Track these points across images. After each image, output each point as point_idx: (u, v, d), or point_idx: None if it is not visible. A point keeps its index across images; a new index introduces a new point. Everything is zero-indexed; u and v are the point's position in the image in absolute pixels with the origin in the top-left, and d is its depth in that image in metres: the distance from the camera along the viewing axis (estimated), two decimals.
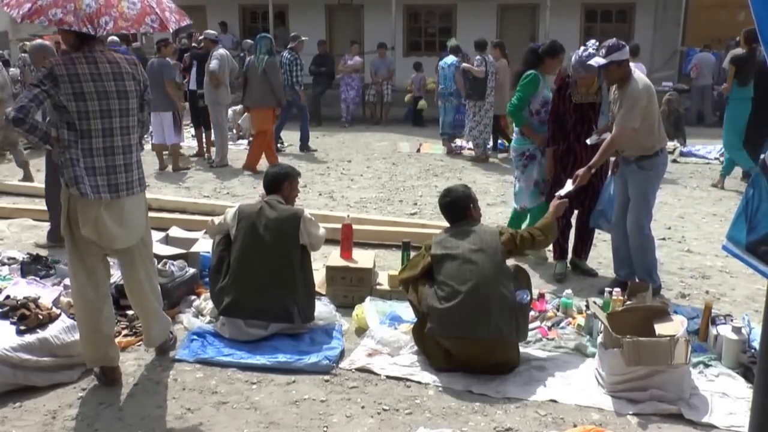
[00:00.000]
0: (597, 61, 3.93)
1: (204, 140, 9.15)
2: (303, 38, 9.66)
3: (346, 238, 4.27)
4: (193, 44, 10.84)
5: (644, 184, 4.09)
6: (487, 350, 3.19)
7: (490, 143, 9.28)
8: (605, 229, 4.56)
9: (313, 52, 12.56)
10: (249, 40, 11.17)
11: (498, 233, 3.43)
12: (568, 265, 4.73)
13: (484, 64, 8.56)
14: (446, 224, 3.61)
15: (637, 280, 4.13)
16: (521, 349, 3.45)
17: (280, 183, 3.86)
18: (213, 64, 8.10)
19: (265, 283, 3.55)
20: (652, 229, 4.24)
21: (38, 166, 8.55)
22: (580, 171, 4.09)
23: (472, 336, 3.16)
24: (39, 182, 7.47)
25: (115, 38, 10.62)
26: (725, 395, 3.06)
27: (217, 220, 3.89)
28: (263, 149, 8.19)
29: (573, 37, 13.41)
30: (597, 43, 4.27)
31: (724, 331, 3.39)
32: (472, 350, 3.20)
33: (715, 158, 8.88)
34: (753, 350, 3.31)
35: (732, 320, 3.50)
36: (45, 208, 6.28)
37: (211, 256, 3.89)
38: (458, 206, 3.54)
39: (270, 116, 8.23)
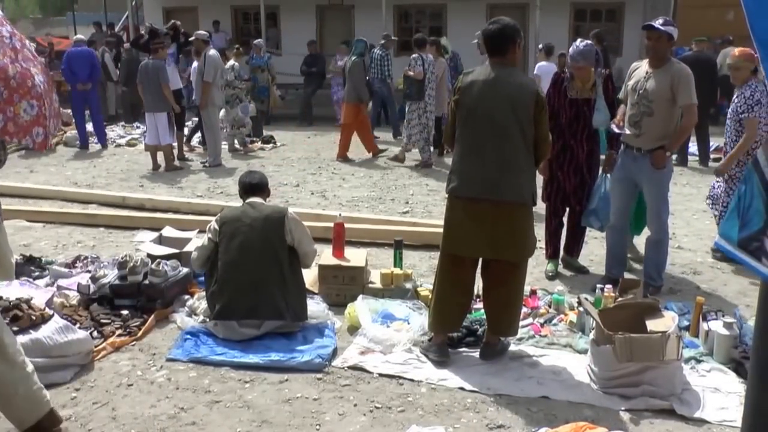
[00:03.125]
0: (656, 24, 3.93)
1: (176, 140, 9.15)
2: (394, 38, 10.94)
3: (338, 237, 4.28)
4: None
5: (661, 182, 4.09)
6: (501, 214, 3.14)
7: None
8: (596, 228, 4.59)
9: (303, 52, 12.55)
10: (260, 41, 11.43)
11: (534, 93, 3.15)
12: (560, 262, 4.76)
13: (422, 63, 8.25)
14: (438, 221, 3.60)
15: (642, 279, 4.16)
16: (514, 347, 3.47)
17: (259, 188, 3.91)
18: (207, 75, 8.14)
19: (255, 283, 3.55)
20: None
21: (32, 166, 8.53)
22: (660, 153, 3.97)
23: (488, 197, 3.12)
24: (34, 183, 7.45)
25: (81, 37, 10.61)
26: (717, 390, 3.09)
27: (199, 242, 3.88)
28: (348, 140, 9.05)
29: (562, 37, 13.45)
30: (590, 42, 4.37)
31: (716, 326, 3.42)
32: (486, 212, 3.14)
33: None
34: (744, 345, 3.33)
35: (723, 316, 3.53)
36: (39, 208, 6.28)
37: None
38: (505, 36, 3.17)
39: (352, 111, 8.88)
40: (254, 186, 3.91)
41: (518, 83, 3.17)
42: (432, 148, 8.68)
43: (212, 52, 8.38)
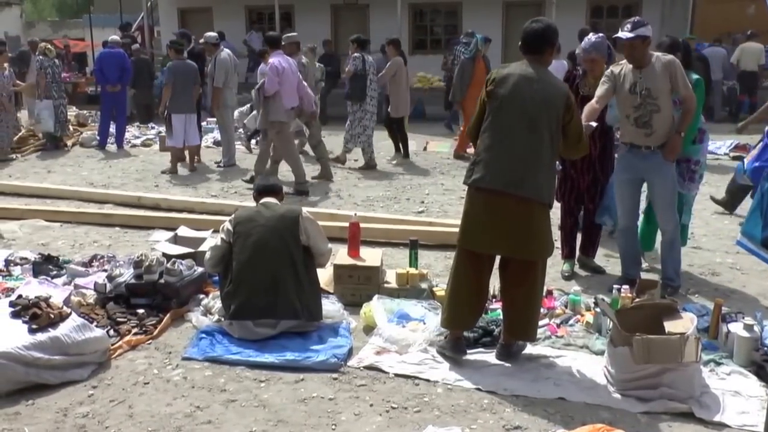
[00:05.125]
0: (625, 34, 3.88)
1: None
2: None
3: (354, 237, 4.28)
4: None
5: (673, 176, 4.04)
6: (521, 212, 3.12)
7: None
8: (609, 226, 4.55)
9: (318, 51, 12.56)
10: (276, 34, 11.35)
11: (566, 96, 3.17)
12: (576, 262, 4.71)
13: (362, 62, 8.15)
14: (453, 221, 3.58)
15: (661, 280, 4.11)
16: (530, 348, 3.44)
17: (273, 190, 3.95)
18: (216, 80, 8.18)
19: (270, 282, 3.55)
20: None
21: (50, 167, 8.63)
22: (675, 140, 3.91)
23: (512, 191, 3.10)
24: (51, 183, 7.54)
25: (116, 38, 10.67)
26: (737, 394, 3.04)
27: (212, 243, 3.90)
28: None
29: None
30: (602, 35, 4.33)
31: (736, 328, 3.36)
32: (507, 207, 3.12)
33: (725, 153, 8.89)
34: (766, 348, 3.28)
35: (743, 317, 3.47)
36: (56, 208, 6.35)
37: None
38: (546, 36, 3.20)
39: (464, 106, 8.66)
40: (268, 188, 3.94)
41: (552, 82, 3.20)
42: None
43: (222, 55, 8.39)
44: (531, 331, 3.34)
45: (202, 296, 4.07)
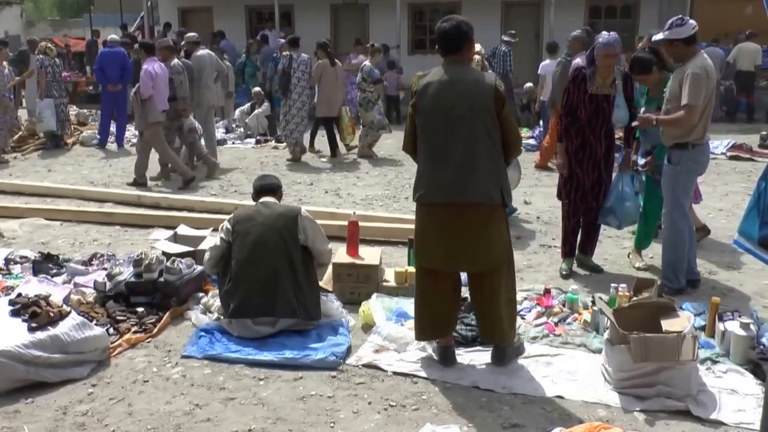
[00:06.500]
0: (657, 37, 4.06)
1: None
2: (516, 39, 11.50)
3: (353, 235, 4.29)
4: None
5: (671, 178, 4.09)
6: (470, 218, 3.05)
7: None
8: (614, 226, 4.56)
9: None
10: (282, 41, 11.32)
11: (493, 89, 3.03)
12: (574, 261, 4.73)
13: (289, 60, 8.41)
14: None
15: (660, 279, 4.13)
16: (528, 347, 3.45)
17: (272, 189, 3.96)
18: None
19: (268, 281, 3.57)
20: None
21: (50, 166, 8.64)
22: (644, 114, 4.21)
23: (456, 200, 3.02)
24: (52, 182, 7.55)
25: (115, 37, 10.66)
26: (734, 392, 3.05)
27: (212, 242, 3.92)
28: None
29: None
30: (616, 34, 4.38)
31: (732, 327, 3.37)
32: (455, 218, 3.05)
33: (722, 153, 8.90)
34: (762, 346, 3.29)
35: (740, 316, 3.48)
36: (56, 207, 6.36)
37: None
38: (461, 33, 3.08)
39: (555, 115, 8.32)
40: (266, 187, 3.94)
41: (475, 79, 3.08)
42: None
43: (199, 53, 8.50)
44: (500, 333, 3.24)
45: (201, 294, 4.09)
